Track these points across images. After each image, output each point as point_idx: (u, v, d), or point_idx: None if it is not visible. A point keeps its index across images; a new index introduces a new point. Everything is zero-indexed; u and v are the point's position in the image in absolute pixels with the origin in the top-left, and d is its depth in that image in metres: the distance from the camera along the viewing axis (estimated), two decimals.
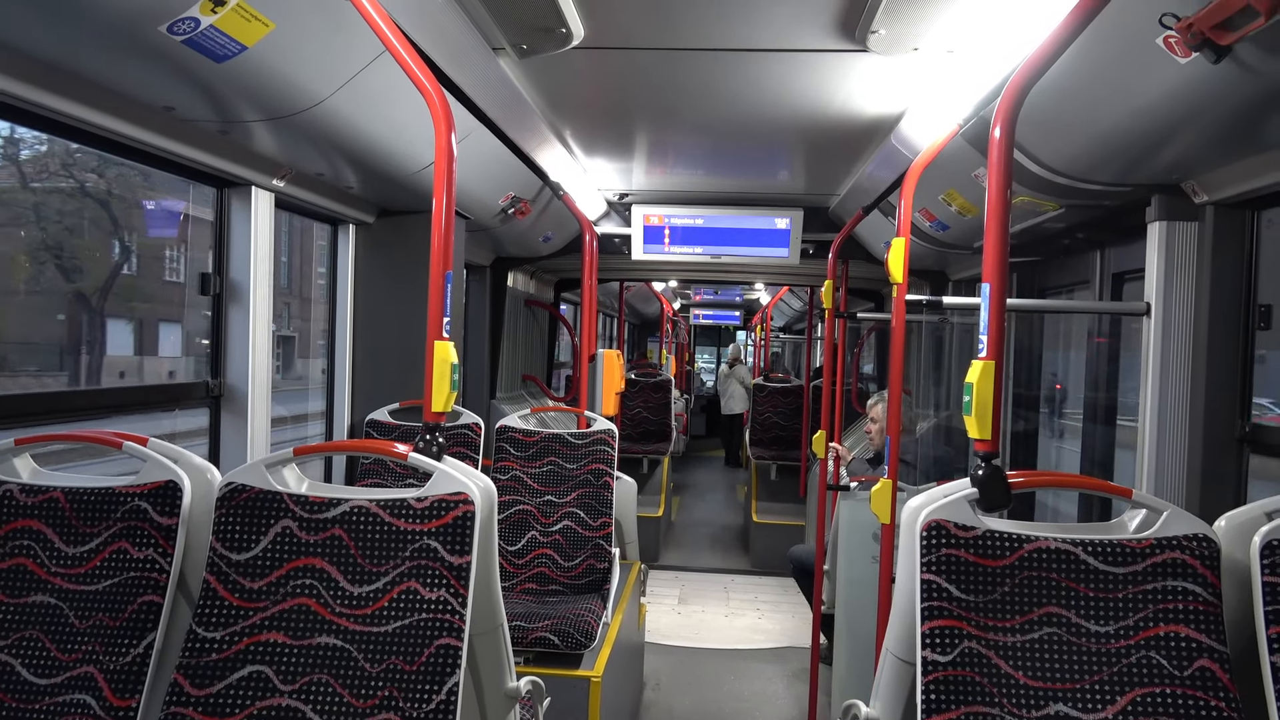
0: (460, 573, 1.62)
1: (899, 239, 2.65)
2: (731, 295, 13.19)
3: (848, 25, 2.41)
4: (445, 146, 1.74)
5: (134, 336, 11.10)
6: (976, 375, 1.60)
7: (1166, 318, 2.45)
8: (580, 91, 3.21)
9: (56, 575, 1.73)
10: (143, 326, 11.19)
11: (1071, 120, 2.24)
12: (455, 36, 2.40)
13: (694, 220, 5.07)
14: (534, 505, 3.67)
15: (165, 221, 9.50)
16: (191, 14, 1.69)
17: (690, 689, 4.61)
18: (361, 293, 3.77)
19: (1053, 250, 3.73)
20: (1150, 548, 1.57)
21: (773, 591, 6.36)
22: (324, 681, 1.60)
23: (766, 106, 3.26)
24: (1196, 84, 1.73)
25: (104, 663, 1.66)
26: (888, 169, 3.65)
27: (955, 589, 1.56)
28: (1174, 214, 2.44)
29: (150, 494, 1.75)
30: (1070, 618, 1.55)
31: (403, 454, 1.72)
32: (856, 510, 3.43)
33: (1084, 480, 2.21)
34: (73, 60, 1.85)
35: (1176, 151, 2.15)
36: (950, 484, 1.65)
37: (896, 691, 1.74)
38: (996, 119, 1.63)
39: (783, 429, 8.14)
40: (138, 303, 10.75)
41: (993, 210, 1.63)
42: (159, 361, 11.20)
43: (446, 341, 1.75)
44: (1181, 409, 2.43)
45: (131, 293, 10.53)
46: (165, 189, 7.67)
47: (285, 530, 1.69)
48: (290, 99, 2.19)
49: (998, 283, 1.62)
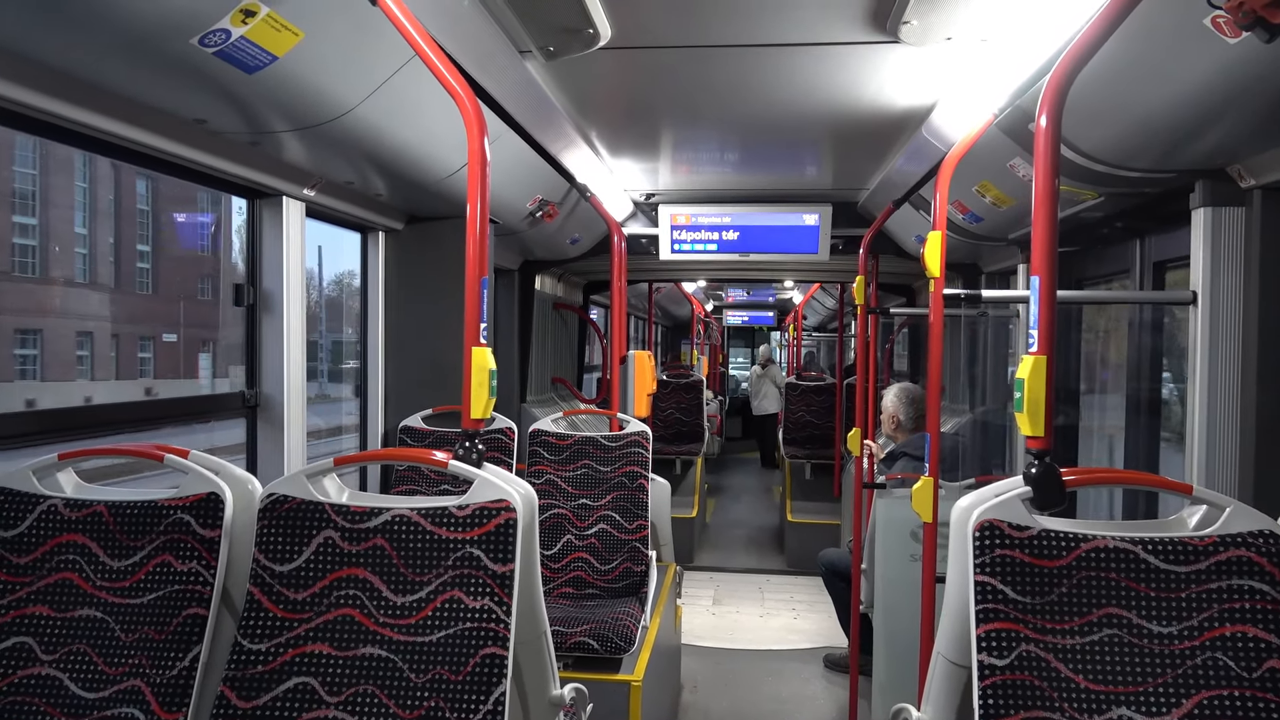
0: (504, 581, 1.61)
1: (935, 233, 2.61)
2: (764, 295, 13.09)
3: (879, 16, 2.37)
4: (478, 151, 1.72)
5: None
6: (1028, 370, 1.56)
7: (1214, 306, 2.39)
8: (606, 92, 3.19)
9: (102, 589, 1.74)
10: None
11: (1111, 106, 2.19)
12: (482, 40, 2.39)
13: (721, 218, 5.04)
14: (569, 509, 3.66)
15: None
16: (222, 26, 1.69)
17: (728, 691, 4.58)
18: (392, 299, 3.78)
19: (1090, 240, 3.66)
20: (1213, 545, 1.52)
21: (808, 591, 6.31)
22: (369, 693, 1.59)
23: (794, 102, 3.22)
24: (1246, 64, 1.68)
25: (150, 676, 1.66)
26: (918, 162, 3.60)
27: (1011, 590, 1.52)
28: (1219, 199, 2.38)
29: (192, 506, 1.75)
30: (1131, 619, 1.51)
31: (443, 462, 1.70)
32: (893, 508, 3.39)
33: (1142, 477, 2.15)
34: (106, 75, 1.86)
35: (1222, 135, 2.10)
36: (1001, 482, 1.61)
37: (949, 695, 1.70)
38: (1042, 107, 1.59)
39: (816, 427, 8.08)
40: None
41: (1040, 200, 1.59)
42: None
43: (484, 348, 1.74)
44: (1232, 400, 2.37)
45: None
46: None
47: (327, 540, 1.69)
48: (320, 108, 2.19)
49: (1047, 275, 1.58)
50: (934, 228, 2.62)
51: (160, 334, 16.05)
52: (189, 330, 16.96)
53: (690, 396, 8.61)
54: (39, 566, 1.75)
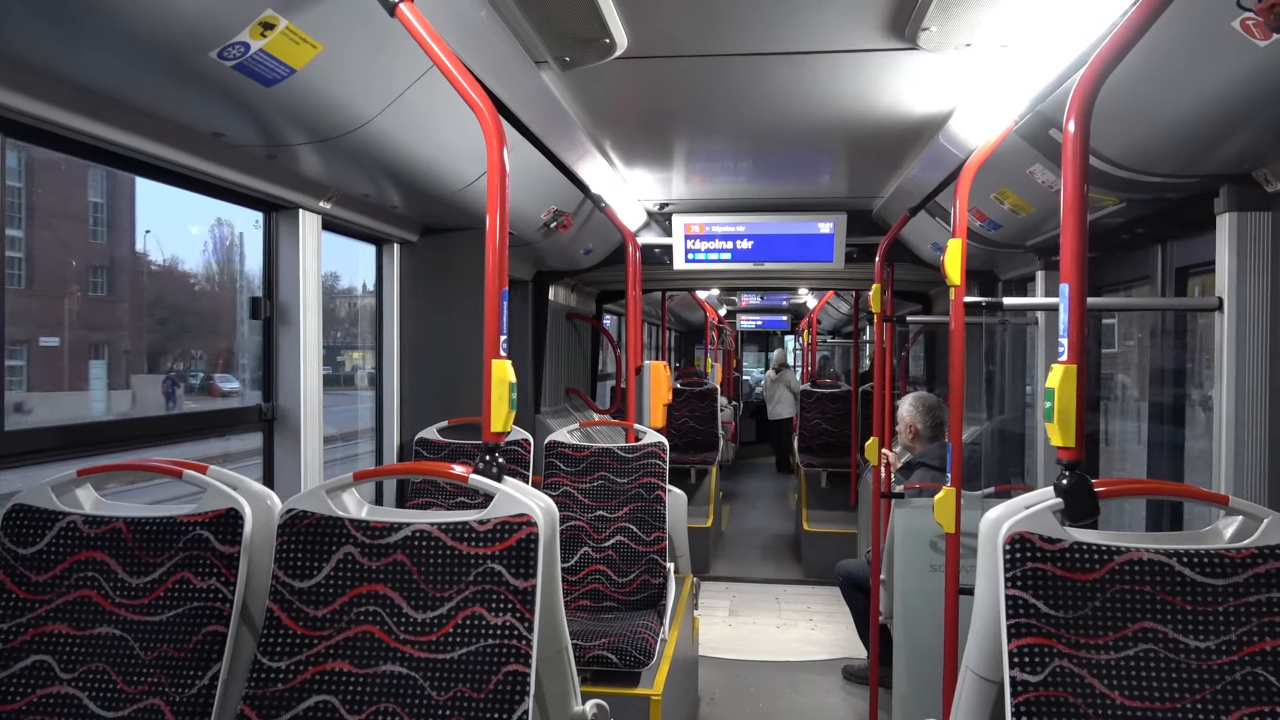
0: (526, 596, 1.59)
1: (955, 240, 2.58)
2: (778, 300, 13.06)
3: (898, 23, 2.35)
4: (498, 163, 1.71)
5: None
6: (1058, 380, 1.54)
7: (1241, 312, 2.35)
8: (621, 102, 3.18)
9: (121, 606, 1.72)
10: None
11: (1134, 111, 2.16)
12: (499, 51, 2.38)
13: (735, 227, 5.02)
14: (585, 521, 3.64)
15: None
16: (242, 39, 1.69)
17: (746, 702, 4.54)
18: (407, 311, 3.77)
19: (1110, 246, 3.62)
20: (1251, 557, 1.49)
21: (825, 601, 6.26)
22: (391, 710, 1.57)
23: (809, 110, 3.21)
24: (1274, 66, 1.65)
25: (170, 694, 1.65)
26: (935, 169, 3.58)
27: (1043, 605, 1.49)
28: (1245, 204, 2.35)
29: (211, 522, 1.74)
30: (1168, 633, 1.47)
31: (463, 476, 1.69)
32: (912, 518, 3.35)
33: (1176, 487, 2.11)
34: (124, 89, 1.86)
35: (1248, 139, 2.07)
36: (1031, 494, 1.58)
37: (978, 711, 1.67)
38: (1070, 113, 1.57)
39: (831, 435, 8.02)
40: None
41: (1069, 207, 1.57)
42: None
43: (504, 360, 1.72)
44: (1261, 407, 2.33)
45: None
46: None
47: (347, 556, 1.67)
48: (337, 120, 2.19)
49: (1077, 282, 1.55)
50: (954, 235, 2.59)
51: (37, 337, 13.07)
52: (77, 333, 14.12)
53: (705, 405, 8.57)
54: (58, 584, 1.74)
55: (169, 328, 14.98)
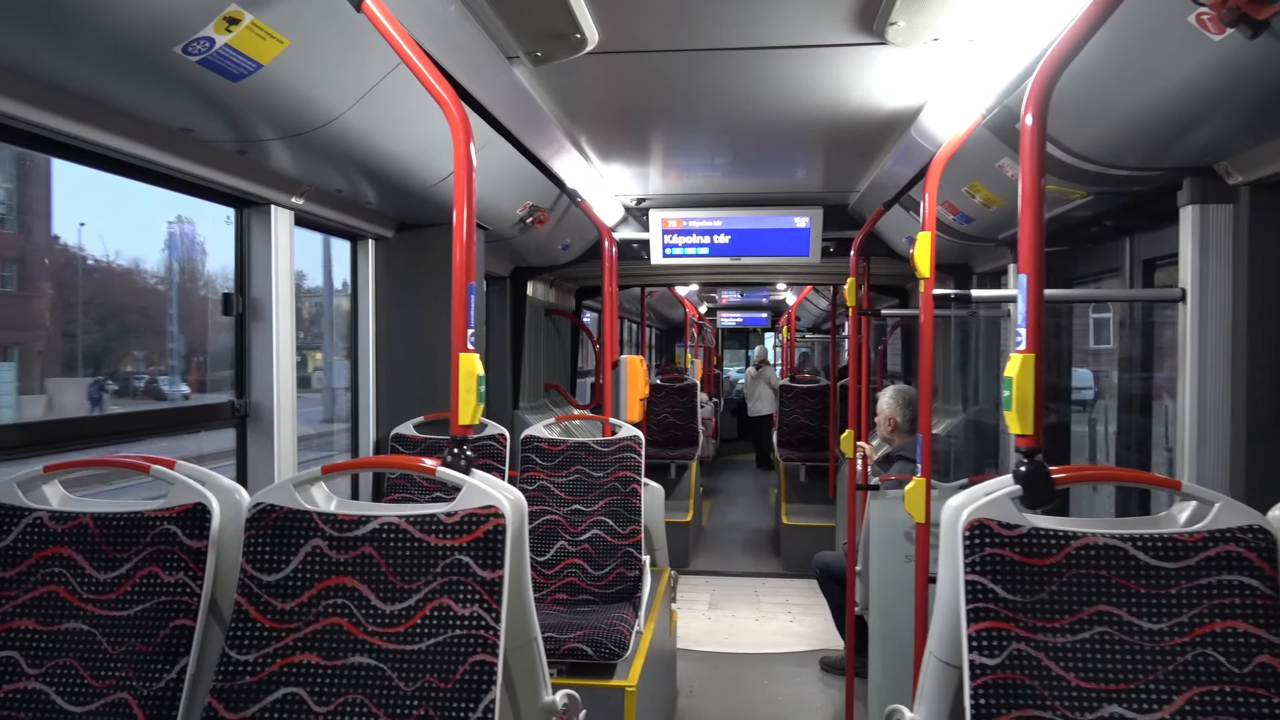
0: (493, 587, 1.60)
1: (924, 233, 2.61)
2: (758, 297, 13.10)
3: (865, 18, 2.37)
4: (464, 157, 1.72)
5: None
6: (1016, 369, 1.56)
7: (1203, 303, 2.39)
8: (595, 97, 3.19)
9: (88, 601, 1.72)
10: None
11: (1098, 105, 2.19)
12: (469, 46, 2.38)
13: (713, 222, 5.04)
14: (562, 515, 3.65)
15: None
16: (206, 34, 1.68)
17: (724, 695, 4.57)
18: (383, 307, 3.77)
19: (1080, 239, 3.66)
20: (1202, 541, 1.52)
21: (804, 594, 6.30)
22: (358, 702, 1.58)
23: (783, 104, 3.22)
24: (1231, 61, 1.68)
25: (138, 688, 1.65)
26: (908, 163, 3.61)
27: (1001, 589, 1.51)
28: (1207, 197, 2.38)
29: (179, 517, 1.74)
30: (1122, 616, 1.50)
31: (431, 469, 1.70)
32: (887, 510, 3.38)
33: (1131, 474, 2.15)
34: (89, 84, 1.85)
35: (1209, 132, 2.10)
36: (991, 481, 1.60)
37: (941, 696, 1.69)
38: (1027, 106, 1.59)
39: (810, 430, 8.07)
40: None
41: (1027, 199, 1.59)
42: None
43: (472, 354, 1.73)
44: (1222, 397, 2.37)
45: None
46: None
47: (315, 550, 1.68)
48: (307, 116, 2.19)
49: (1035, 273, 1.57)
50: (923, 228, 2.62)
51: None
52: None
53: (685, 400, 8.60)
54: (25, 580, 1.74)
55: (109, 328, 14.19)
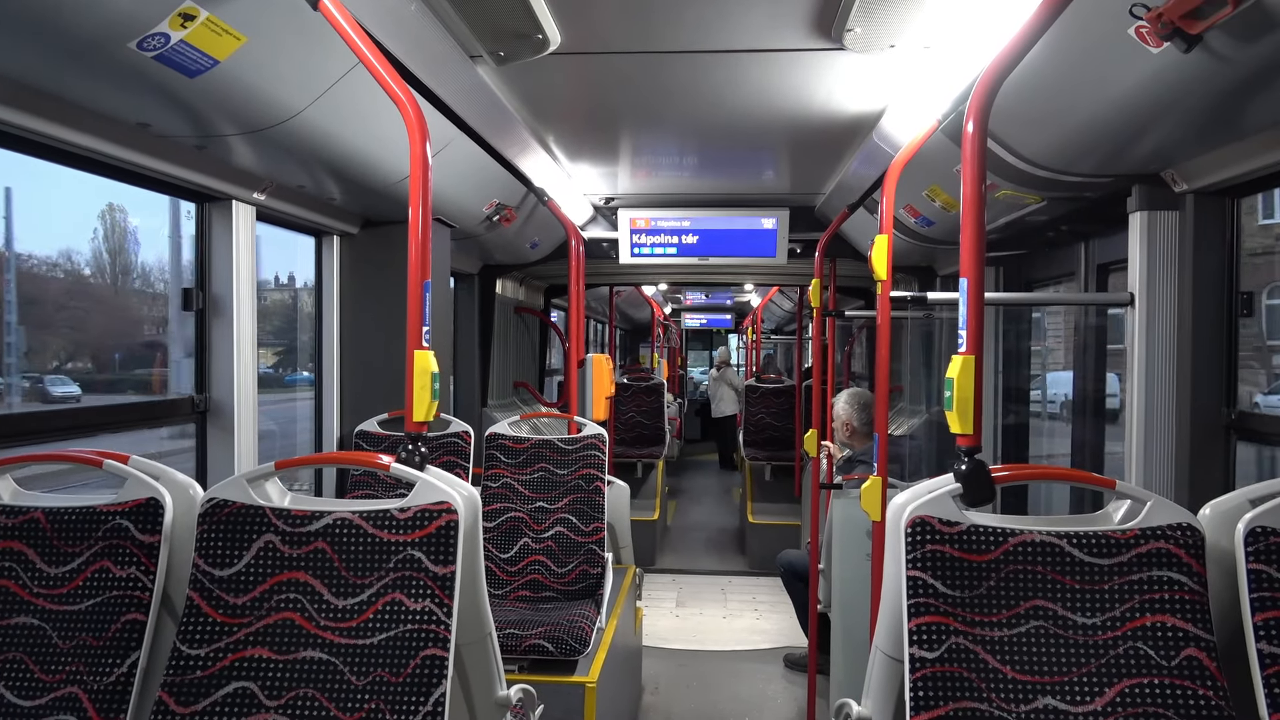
0: (445, 582, 1.61)
1: (882, 236, 2.66)
2: (722, 298, 13.15)
3: (824, 24, 2.41)
4: (420, 156, 1.73)
5: None
6: (957, 370, 1.60)
7: (1150, 307, 2.45)
8: (561, 97, 3.20)
9: (39, 596, 1.72)
10: None
11: (1050, 112, 2.24)
12: (431, 45, 2.39)
13: (681, 222, 5.07)
14: (525, 512, 3.66)
15: None
16: (161, 30, 1.68)
17: (689, 692, 4.60)
18: (348, 303, 3.76)
19: (1038, 243, 3.73)
20: (1135, 538, 1.57)
21: (770, 592, 6.35)
22: (310, 696, 1.59)
23: (748, 107, 3.26)
24: (1170, 73, 1.73)
25: (88, 683, 1.65)
26: (871, 166, 3.65)
27: (941, 585, 1.55)
28: (1155, 203, 2.44)
29: (131, 512, 1.74)
30: (1057, 610, 1.55)
31: (385, 465, 1.71)
32: (849, 508, 3.43)
33: (1067, 472, 2.21)
34: (45, 78, 1.84)
35: (1155, 141, 2.16)
36: (934, 480, 1.64)
37: (887, 689, 1.73)
38: (969, 114, 1.63)
39: (776, 429, 8.14)
40: None
41: (968, 205, 1.63)
42: None
43: (426, 351, 1.74)
44: (1168, 398, 2.43)
45: None
46: None
47: (268, 545, 1.68)
48: (266, 112, 2.18)
49: (975, 277, 1.62)
50: (881, 231, 2.66)
51: None
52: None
53: (651, 399, 8.63)
54: None
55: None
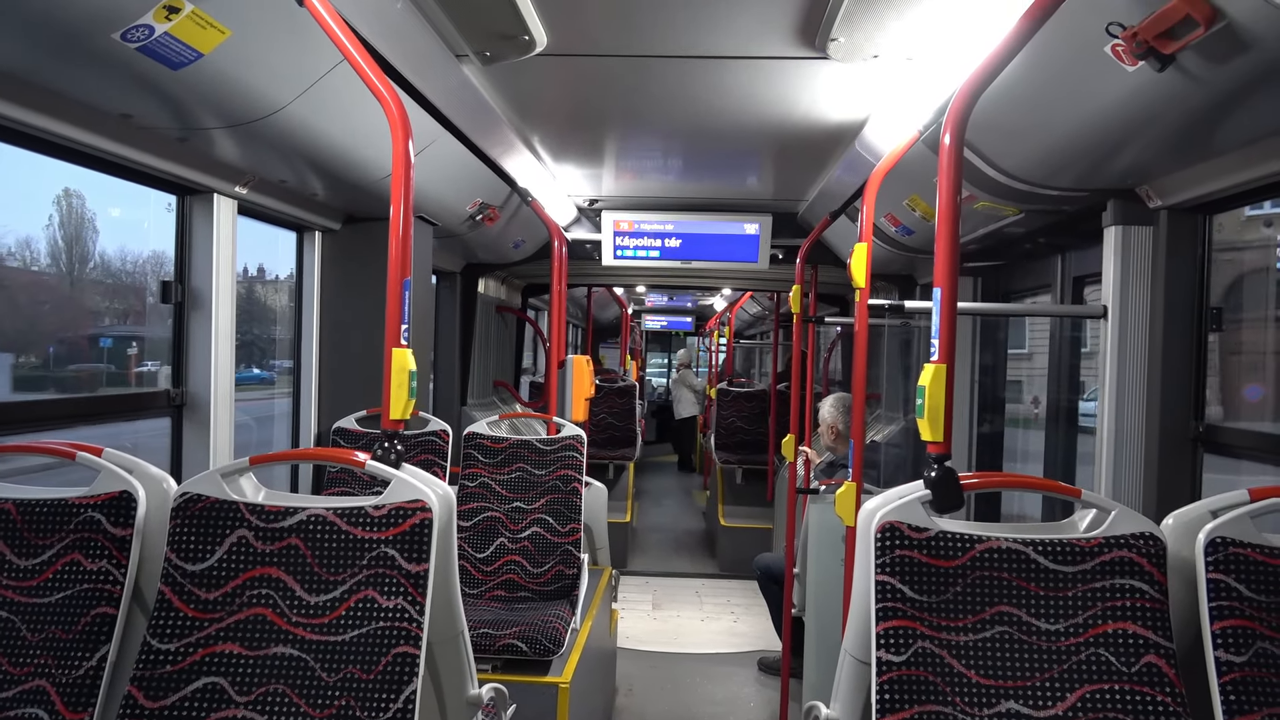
0: (418, 580, 1.62)
1: (861, 244, 2.68)
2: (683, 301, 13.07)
3: (808, 33, 2.43)
4: (402, 153, 1.74)
5: None
6: (929, 379, 1.62)
7: (1123, 320, 2.49)
8: (547, 98, 3.21)
9: (8, 588, 1.71)
10: None
11: (1029, 127, 2.28)
12: (417, 44, 2.40)
13: (664, 225, 5.09)
14: (502, 512, 3.66)
15: None
16: (145, 21, 1.68)
17: (663, 694, 4.62)
18: (328, 299, 3.75)
19: (1015, 255, 3.77)
20: (1099, 546, 1.59)
21: (745, 594, 6.37)
22: (280, 692, 1.59)
23: (733, 113, 3.28)
24: (1145, 91, 1.76)
25: (56, 676, 1.64)
26: (853, 175, 3.68)
27: (909, 590, 1.57)
28: (1129, 218, 2.48)
29: (104, 505, 1.73)
30: (1021, 616, 1.57)
31: (360, 462, 1.71)
32: (826, 513, 3.45)
33: (1035, 481, 2.25)
34: (26, 68, 1.83)
35: (1130, 157, 2.19)
36: (904, 486, 1.66)
37: (855, 692, 1.75)
38: (946, 126, 1.66)
39: (747, 433, 8.15)
40: None
41: (943, 215, 1.65)
42: None
43: (404, 349, 1.75)
44: (1138, 410, 2.47)
45: None
46: None
47: (241, 540, 1.68)
48: (249, 106, 2.18)
49: (949, 287, 1.64)
50: (860, 239, 2.69)
51: None
52: None
53: (624, 401, 8.63)
54: None
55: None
